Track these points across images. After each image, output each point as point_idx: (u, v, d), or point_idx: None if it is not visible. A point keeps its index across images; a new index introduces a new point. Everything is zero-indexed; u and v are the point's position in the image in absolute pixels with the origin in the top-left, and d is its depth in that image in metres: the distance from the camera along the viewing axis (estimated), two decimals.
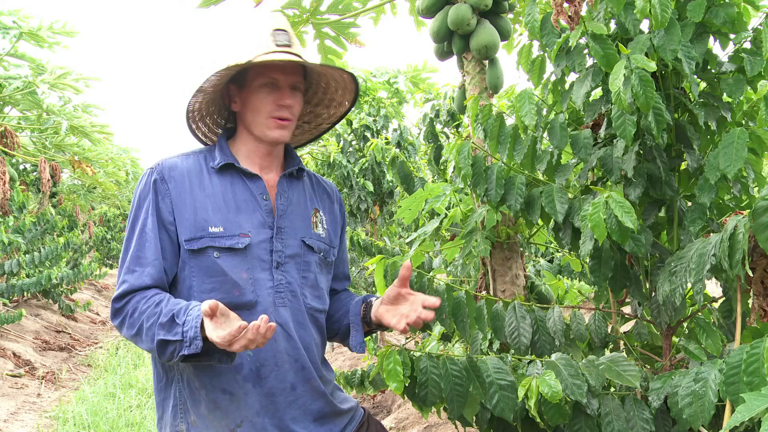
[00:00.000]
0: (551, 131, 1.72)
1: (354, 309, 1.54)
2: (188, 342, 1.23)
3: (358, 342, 1.50)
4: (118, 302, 1.35)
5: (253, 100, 1.43)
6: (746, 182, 1.65)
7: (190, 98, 1.44)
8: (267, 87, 1.42)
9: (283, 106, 1.42)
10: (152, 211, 1.38)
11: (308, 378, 1.42)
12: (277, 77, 1.42)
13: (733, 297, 1.60)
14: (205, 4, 2.52)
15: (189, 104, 1.46)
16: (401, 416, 3.96)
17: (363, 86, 5.70)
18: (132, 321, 1.31)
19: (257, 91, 1.42)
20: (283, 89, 1.42)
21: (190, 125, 1.52)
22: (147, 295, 1.32)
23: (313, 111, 1.63)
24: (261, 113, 1.42)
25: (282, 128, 1.43)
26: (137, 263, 1.35)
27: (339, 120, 1.63)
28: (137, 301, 1.32)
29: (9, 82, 5.79)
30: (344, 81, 1.52)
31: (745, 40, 1.59)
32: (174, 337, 1.24)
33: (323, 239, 1.52)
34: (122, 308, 1.34)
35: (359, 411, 1.56)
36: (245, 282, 1.37)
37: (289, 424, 1.39)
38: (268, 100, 1.42)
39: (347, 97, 1.56)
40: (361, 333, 1.51)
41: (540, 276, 3.41)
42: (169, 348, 1.25)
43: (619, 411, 1.55)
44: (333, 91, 1.57)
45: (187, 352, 1.23)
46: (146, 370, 5.71)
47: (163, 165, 1.43)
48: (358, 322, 1.51)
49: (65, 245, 8.27)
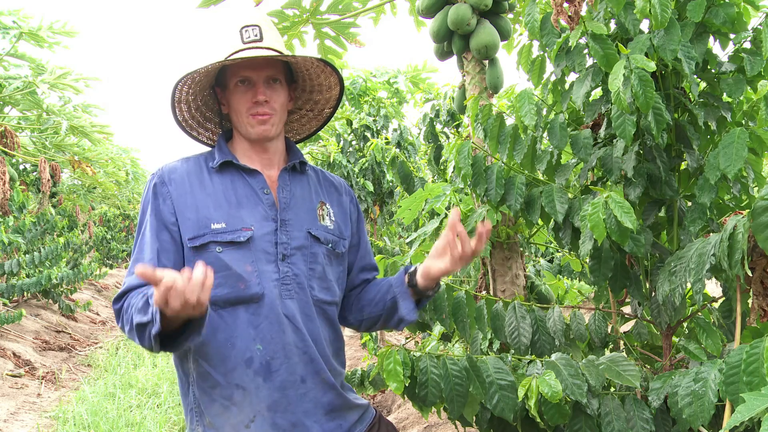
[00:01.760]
0: (551, 131, 1.72)
1: (397, 281, 1.53)
2: (154, 320, 1.20)
3: (410, 309, 1.49)
4: (117, 303, 1.37)
5: (233, 101, 1.46)
6: (746, 182, 1.65)
7: (173, 110, 1.49)
8: (241, 85, 1.43)
9: (258, 102, 1.43)
10: (152, 215, 1.40)
11: (317, 370, 1.42)
12: (248, 74, 1.43)
13: (732, 297, 1.60)
14: (205, 4, 2.52)
15: (176, 117, 1.50)
16: (401, 416, 3.96)
17: (363, 86, 5.70)
18: (127, 317, 1.32)
19: (234, 91, 1.45)
20: (257, 85, 1.43)
21: (190, 134, 1.56)
22: (140, 290, 1.33)
23: (310, 98, 1.63)
24: (241, 113, 1.44)
25: (263, 123, 1.44)
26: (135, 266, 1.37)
27: (337, 103, 1.62)
28: (131, 298, 1.33)
29: (9, 82, 5.79)
30: (315, 65, 1.51)
31: (745, 40, 1.60)
32: (146, 317, 1.22)
33: (331, 231, 1.52)
34: (120, 308, 1.36)
35: (370, 411, 1.55)
36: (250, 275, 1.38)
37: (302, 417, 1.39)
38: (245, 98, 1.43)
39: (332, 80, 1.56)
40: (411, 300, 1.50)
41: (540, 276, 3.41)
42: (146, 331, 1.24)
43: (619, 411, 1.55)
44: (316, 77, 1.57)
45: (154, 330, 1.20)
46: (146, 370, 5.71)
47: (164, 169, 1.46)
48: (405, 291, 1.50)
49: (65, 245, 8.28)
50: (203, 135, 1.59)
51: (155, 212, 1.40)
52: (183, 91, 1.46)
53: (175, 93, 1.46)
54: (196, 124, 1.56)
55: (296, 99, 1.60)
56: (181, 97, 1.48)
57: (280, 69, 1.47)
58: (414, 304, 1.50)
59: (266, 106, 1.43)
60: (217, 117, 1.59)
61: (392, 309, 1.53)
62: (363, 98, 5.80)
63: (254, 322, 1.36)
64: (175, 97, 1.47)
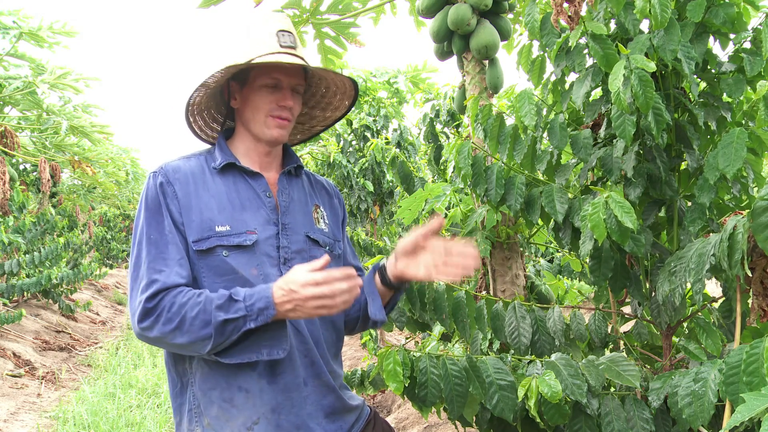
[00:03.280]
0: (551, 131, 1.72)
1: (367, 280, 1.54)
2: (254, 314, 1.28)
3: (377, 308, 1.50)
4: (151, 301, 1.31)
5: (255, 99, 1.45)
6: (746, 182, 1.65)
7: (192, 92, 1.46)
8: (269, 87, 1.44)
9: (284, 107, 1.44)
10: (165, 214, 1.38)
11: (318, 373, 1.42)
12: (279, 78, 1.44)
13: (732, 297, 1.60)
14: (206, 4, 2.52)
15: (191, 97, 1.47)
16: (401, 416, 3.96)
17: (363, 86, 5.70)
18: (170, 315, 1.29)
19: (259, 90, 1.44)
20: (284, 90, 1.45)
21: (187, 117, 1.53)
22: (182, 290, 1.32)
23: (308, 113, 1.65)
24: (261, 111, 1.44)
25: (281, 128, 1.46)
26: (163, 263, 1.34)
27: (333, 123, 1.65)
28: (174, 296, 1.31)
29: (9, 82, 5.79)
30: (344, 86, 1.55)
31: (745, 40, 1.60)
32: (235, 314, 1.27)
33: (326, 233, 1.53)
34: (156, 306, 1.31)
35: (366, 409, 1.56)
36: (255, 279, 1.38)
37: (305, 419, 1.40)
38: (269, 99, 1.44)
39: (345, 102, 1.59)
40: (379, 299, 1.51)
41: (540, 276, 3.41)
42: (228, 327, 1.28)
43: (619, 411, 1.55)
44: (332, 95, 1.60)
45: (254, 325, 1.28)
46: (146, 370, 5.71)
47: (167, 168, 1.44)
48: (373, 290, 1.52)
49: (65, 245, 8.28)
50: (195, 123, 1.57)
51: (167, 211, 1.38)
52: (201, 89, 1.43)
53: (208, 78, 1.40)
54: (197, 111, 1.55)
55: (303, 105, 1.62)
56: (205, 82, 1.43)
57: (303, 80, 1.49)
58: (381, 303, 1.51)
59: (288, 112, 1.45)
60: (221, 116, 1.58)
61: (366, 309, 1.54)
62: (363, 98, 5.80)
63: None
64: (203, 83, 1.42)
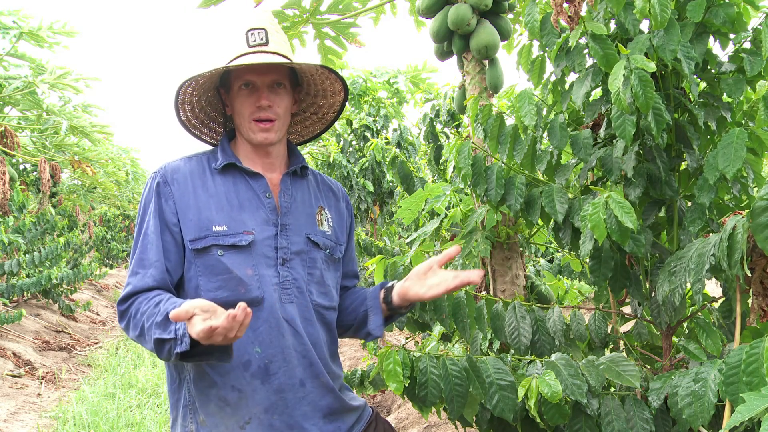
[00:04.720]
0: (551, 131, 1.72)
1: (372, 294, 1.55)
2: (179, 340, 1.23)
3: (377, 324, 1.51)
4: (123, 304, 1.36)
5: (236, 104, 1.45)
6: (746, 182, 1.65)
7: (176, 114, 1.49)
8: (245, 89, 1.43)
9: (261, 107, 1.42)
10: (154, 214, 1.39)
11: (316, 374, 1.43)
12: (252, 79, 1.42)
13: (732, 297, 1.60)
14: (206, 4, 2.52)
15: (180, 118, 1.50)
16: (401, 416, 3.96)
17: (363, 86, 5.70)
18: (135, 322, 1.32)
19: (237, 94, 1.44)
20: (260, 90, 1.43)
21: (193, 134, 1.56)
22: (149, 296, 1.33)
23: (314, 102, 1.63)
24: (243, 116, 1.44)
25: (265, 131, 1.44)
26: (140, 265, 1.37)
27: (341, 108, 1.63)
28: (140, 302, 1.33)
29: (9, 82, 5.79)
30: (320, 72, 1.52)
31: (745, 40, 1.60)
32: (168, 335, 1.24)
33: (329, 236, 1.52)
34: (126, 310, 1.35)
35: (367, 410, 1.56)
36: (250, 278, 1.38)
37: (300, 420, 1.39)
38: (249, 102, 1.43)
39: (336, 86, 1.57)
40: (381, 316, 1.52)
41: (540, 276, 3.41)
42: (165, 347, 1.26)
43: (619, 411, 1.55)
44: (321, 82, 1.58)
45: (179, 350, 1.23)
46: (146, 370, 5.71)
47: (166, 168, 1.45)
48: (377, 306, 1.53)
49: (65, 245, 8.27)
50: (206, 134, 1.59)
51: (158, 212, 1.40)
52: (186, 93, 1.46)
53: (179, 95, 1.45)
54: (200, 124, 1.56)
55: (300, 102, 1.60)
56: (185, 99, 1.47)
57: (285, 73, 1.46)
58: (383, 320, 1.52)
59: (269, 111, 1.43)
60: (221, 117, 1.59)
61: (363, 321, 1.55)
62: (363, 98, 5.80)
63: (253, 325, 1.36)
64: (179, 99, 1.46)
